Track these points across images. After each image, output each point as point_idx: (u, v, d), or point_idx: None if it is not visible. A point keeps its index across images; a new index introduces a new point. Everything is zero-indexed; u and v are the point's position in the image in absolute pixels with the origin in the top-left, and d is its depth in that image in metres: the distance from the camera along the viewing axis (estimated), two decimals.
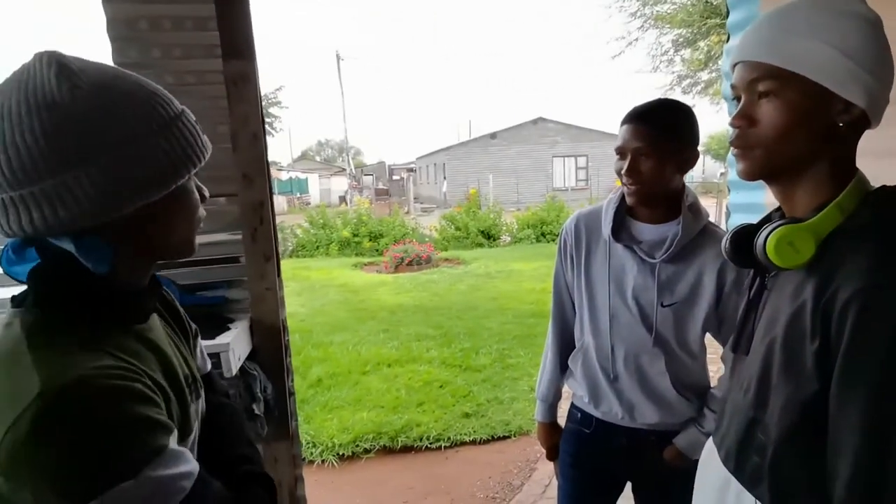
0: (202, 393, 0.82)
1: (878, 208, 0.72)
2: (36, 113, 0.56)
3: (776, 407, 0.75)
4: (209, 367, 0.95)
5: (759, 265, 0.81)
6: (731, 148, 0.80)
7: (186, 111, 0.68)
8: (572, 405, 1.52)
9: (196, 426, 0.76)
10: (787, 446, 0.75)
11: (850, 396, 0.65)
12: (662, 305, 1.30)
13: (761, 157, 0.76)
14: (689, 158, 1.25)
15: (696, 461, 1.42)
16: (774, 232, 0.73)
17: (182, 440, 0.68)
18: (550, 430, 1.60)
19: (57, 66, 0.58)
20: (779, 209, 0.84)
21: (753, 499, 0.80)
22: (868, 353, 0.64)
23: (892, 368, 0.62)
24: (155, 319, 0.76)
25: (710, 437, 0.97)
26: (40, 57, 0.59)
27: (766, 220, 0.84)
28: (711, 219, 1.36)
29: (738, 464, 0.84)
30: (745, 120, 0.76)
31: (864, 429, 0.64)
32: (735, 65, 0.79)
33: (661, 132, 1.21)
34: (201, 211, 0.73)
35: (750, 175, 0.78)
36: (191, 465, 0.61)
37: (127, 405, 0.57)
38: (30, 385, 0.53)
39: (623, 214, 1.35)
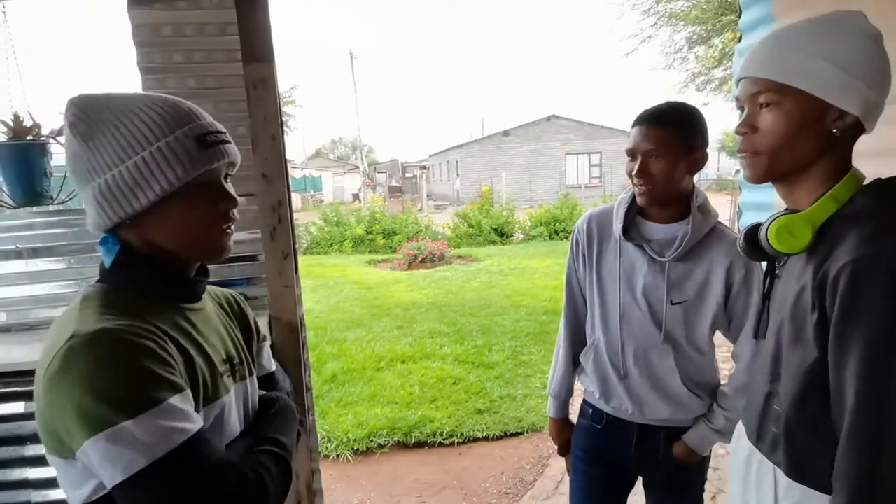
0: (248, 375, 0.93)
1: (873, 196, 0.80)
2: (65, 147, 0.77)
3: (786, 378, 0.84)
4: (274, 367, 1.07)
5: (770, 257, 0.92)
6: (739, 153, 0.88)
7: (185, 129, 0.76)
8: (584, 401, 1.55)
9: (229, 398, 0.84)
10: (797, 413, 0.83)
11: (846, 359, 0.72)
12: (672, 303, 1.32)
13: (764, 161, 0.85)
14: (699, 160, 1.27)
15: (706, 458, 1.44)
16: (774, 221, 0.84)
17: (207, 404, 0.79)
18: (562, 426, 1.62)
19: (67, 109, 0.75)
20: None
21: (772, 465, 0.88)
22: (857, 318, 0.71)
23: (880, 329, 0.69)
24: (209, 306, 0.90)
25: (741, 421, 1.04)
26: (68, 100, 0.75)
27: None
28: (726, 215, 1.38)
29: (759, 435, 0.92)
30: (748, 128, 0.85)
31: (860, 386, 0.71)
32: (739, 80, 0.87)
33: (671, 134, 1.23)
34: (232, 214, 0.83)
35: (755, 178, 0.87)
36: (189, 424, 0.69)
37: (136, 357, 0.68)
38: (67, 332, 0.68)
39: (634, 214, 1.38)
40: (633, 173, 1.28)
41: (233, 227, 0.84)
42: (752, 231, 0.93)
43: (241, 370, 0.90)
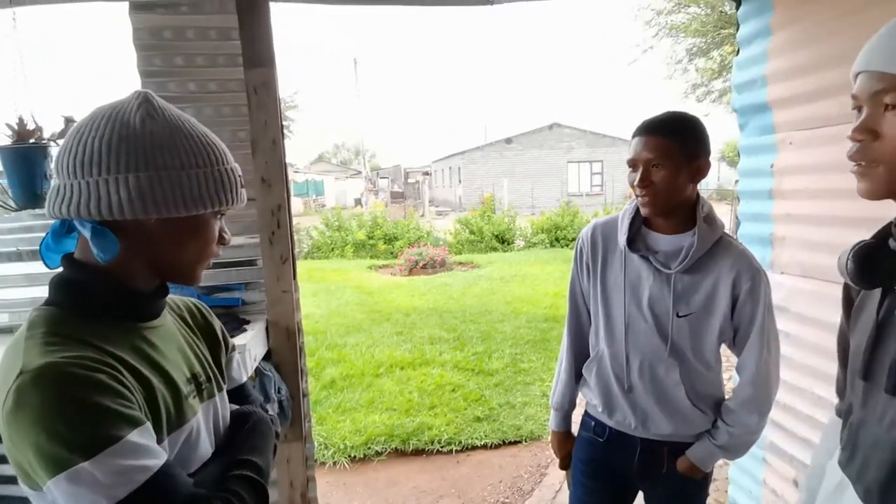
0: (217, 392, 0.88)
1: None
2: (110, 125, 0.70)
3: None
4: (245, 378, 1.02)
5: (888, 284, 0.77)
6: (852, 161, 0.74)
7: (234, 168, 0.80)
8: (586, 413, 1.53)
9: (196, 420, 0.80)
10: None
11: None
12: (678, 316, 1.30)
13: (884, 173, 0.70)
14: (701, 168, 1.26)
15: (709, 473, 1.42)
16: None
17: (172, 432, 0.75)
18: (564, 439, 1.60)
19: (142, 99, 0.73)
20: None
21: None
22: None
23: None
24: (168, 320, 0.85)
25: (837, 463, 0.87)
26: (136, 92, 0.74)
27: (886, 234, 0.80)
28: (726, 226, 1.37)
29: (883, 498, 0.76)
30: (868, 133, 0.71)
31: None
32: (857, 74, 0.73)
33: (671, 143, 1.22)
34: (216, 250, 0.82)
35: (873, 193, 0.72)
36: (151, 460, 0.66)
37: (85, 393, 0.64)
38: (15, 368, 0.65)
39: (639, 224, 1.37)
40: (635, 183, 1.27)
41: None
42: (863, 253, 0.77)
43: (209, 387, 0.86)
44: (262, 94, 1.63)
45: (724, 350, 1.40)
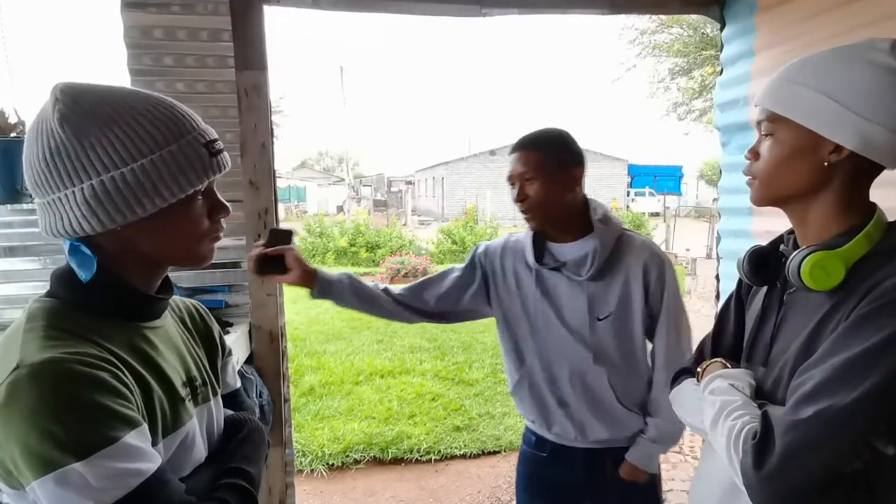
0: (212, 396, 0.86)
1: None
2: (40, 138, 0.66)
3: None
4: (239, 384, 1.00)
5: (773, 283, 0.90)
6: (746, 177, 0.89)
7: (194, 137, 0.71)
8: (526, 427, 1.52)
9: (192, 424, 0.78)
10: None
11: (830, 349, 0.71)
12: (598, 319, 1.33)
13: (759, 186, 0.86)
14: (573, 176, 1.32)
15: (656, 477, 1.42)
16: (809, 257, 0.78)
17: (167, 435, 0.72)
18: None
19: (54, 96, 0.65)
20: (791, 233, 0.90)
21: None
22: (870, 328, 0.69)
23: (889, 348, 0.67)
24: (169, 321, 0.82)
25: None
26: (53, 88, 0.66)
27: (779, 241, 0.92)
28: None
29: None
30: (752, 154, 0.87)
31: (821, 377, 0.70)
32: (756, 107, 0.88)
33: (539, 156, 1.29)
34: (213, 225, 0.76)
35: (753, 201, 0.88)
36: (145, 464, 0.63)
37: (86, 391, 0.61)
38: (11, 361, 0.61)
39: (542, 240, 1.41)
40: (514, 198, 1.33)
41: (221, 235, 0.79)
42: (756, 256, 0.90)
43: (205, 391, 0.84)
44: (253, 96, 1.63)
45: None
